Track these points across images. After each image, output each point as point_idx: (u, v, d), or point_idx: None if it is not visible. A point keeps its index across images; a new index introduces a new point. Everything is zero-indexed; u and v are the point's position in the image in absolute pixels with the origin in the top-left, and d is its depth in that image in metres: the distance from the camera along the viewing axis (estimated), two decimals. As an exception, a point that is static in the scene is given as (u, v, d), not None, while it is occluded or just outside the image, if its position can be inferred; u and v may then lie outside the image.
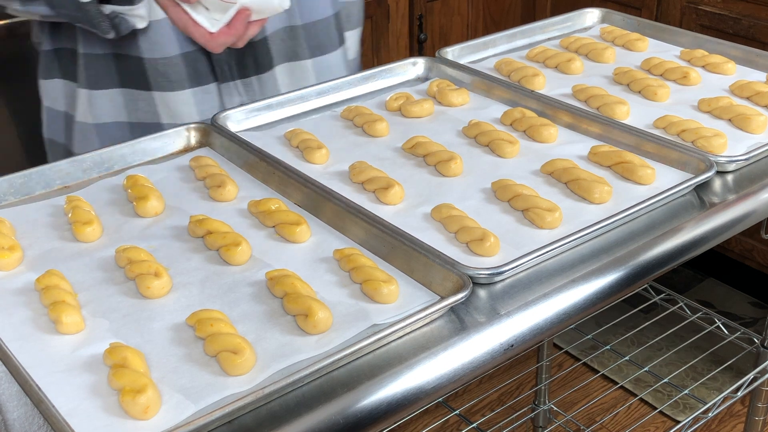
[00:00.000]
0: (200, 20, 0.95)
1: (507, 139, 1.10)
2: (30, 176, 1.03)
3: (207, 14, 0.96)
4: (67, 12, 1.09)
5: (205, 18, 0.95)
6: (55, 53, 1.23)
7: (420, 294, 0.84)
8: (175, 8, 0.95)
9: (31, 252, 0.92)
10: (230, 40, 0.96)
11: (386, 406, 0.74)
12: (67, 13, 1.09)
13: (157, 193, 0.99)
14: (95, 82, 1.20)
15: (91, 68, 1.20)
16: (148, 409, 0.69)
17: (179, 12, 0.95)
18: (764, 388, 1.63)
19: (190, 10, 0.95)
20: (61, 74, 1.23)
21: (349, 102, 1.24)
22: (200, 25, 0.95)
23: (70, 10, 1.08)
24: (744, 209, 1.02)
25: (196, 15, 0.95)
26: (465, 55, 1.38)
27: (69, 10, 1.08)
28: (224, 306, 0.82)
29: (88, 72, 1.20)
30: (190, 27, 0.95)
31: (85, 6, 1.06)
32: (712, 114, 1.18)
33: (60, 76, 1.24)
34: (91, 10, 1.07)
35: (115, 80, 1.20)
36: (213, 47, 0.96)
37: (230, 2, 0.94)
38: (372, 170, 1.03)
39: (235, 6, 0.95)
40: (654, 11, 2.42)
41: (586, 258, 0.90)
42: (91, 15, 1.07)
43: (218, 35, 0.96)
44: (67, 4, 1.08)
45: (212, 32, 0.96)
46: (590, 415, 2.19)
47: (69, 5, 1.07)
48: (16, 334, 0.79)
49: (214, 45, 0.96)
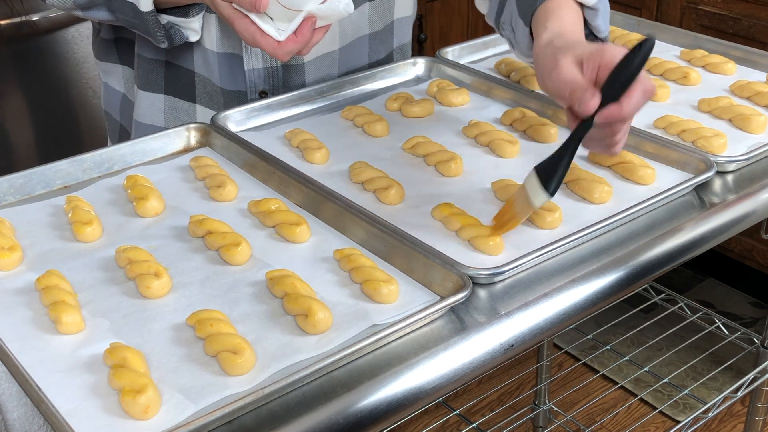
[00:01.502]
0: (268, 29, 0.95)
1: (507, 139, 1.10)
2: (30, 176, 1.03)
3: (273, 24, 0.95)
4: (126, 18, 1.11)
5: (272, 27, 0.95)
6: (114, 42, 1.27)
7: (420, 294, 0.84)
8: (242, 20, 0.95)
9: (31, 252, 0.92)
10: (297, 47, 0.96)
11: (386, 406, 0.74)
12: (126, 19, 1.11)
13: (157, 193, 0.99)
14: (144, 83, 1.23)
15: (141, 69, 1.22)
16: (148, 409, 0.69)
17: (247, 23, 0.95)
18: (764, 388, 1.63)
19: (258, 20, 0.94)
20: (120, 61, 1.27)
21: (349, 102, 1.24)
22: (268, 35, 0.95)
23: (128, 17, 1.10)
24: (744, 209, 1.02)
25: (264, 25, 0.94)
26: (465, 55, 1.38)
27: (128, 17, 1.10)
28: (224, 306, 0.82)
29: (138, 72, 1.23)
30: (257, 37, 0.95)
31: (144, 15, 1.08)
32: (712, 114, 1.18)
33: (118, 62, 1.28)
34: (149, 19, 1.08)
35: (161, 86, 1.22)
36: (280, 55, 0.96)
37: (296, 10, 0.94)
38: (372, 170, 1.03)
39: (301, 13, 0.94)
40: (654, 11, 2.42)
41: (586, 258, 0.90)
42: (148, 24, 1.09)
43: (286, 43, 0.95)
44: (127, 12, 1.09)
45: (280, 41, 0.95)
46: (590, 415, 2.19)
47: (128, 12, 1.09)
48: (16, 334, 0.79)
49: (282, 53, 0.96)
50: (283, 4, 0.93)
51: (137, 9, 1.08)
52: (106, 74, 1.31)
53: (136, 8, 1.08)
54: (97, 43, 1.30)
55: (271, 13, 0.95)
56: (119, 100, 1.30)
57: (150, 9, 1.07)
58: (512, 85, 1.25)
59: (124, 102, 1.30)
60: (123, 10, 1.10)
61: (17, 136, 2.14)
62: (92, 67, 2.15)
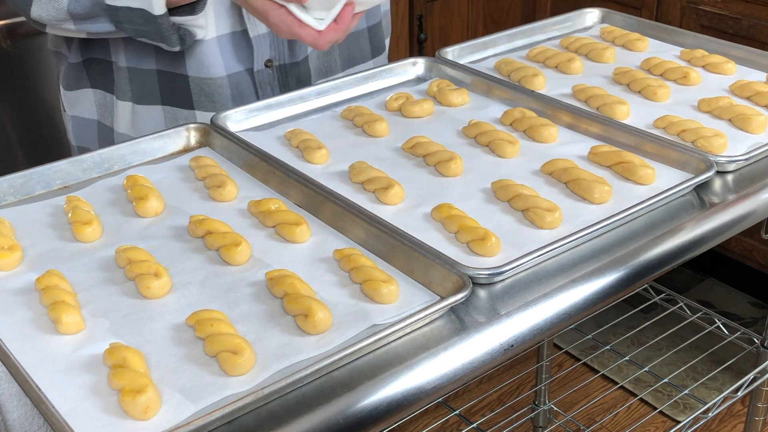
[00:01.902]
0: (307, 19, 0.92)
1: (507, 139, 1.10)
2: (30, 176, 1.03)
3: (309, 13, 0.93)
4: (134, 27, 1.08)
5: (310, 17, 0.92)
6: (84, 64, 1.23)
7: (420, 294, 0.84)
8: (278, 11, 0.92)
9: (31, 252, 0.92)
10: (338, 36, 0.94)
11: (386, 406, 0.74)
12: (133, 28, 1.08)
13: (157, 193, 0.99)
14: (138, 96, 1.20)
15: (135, 82, 1.20)
16: (148, 409, 0.69)
17: (283, 14, 0.92)
18: (764, 388, 1.63)
19: (297, 10, 0.92)
20: (91, 84, 1.23)
21: (349, 102, 1.24)
22: (307, 25, 0.92)
23: (137, 25, 1.07)
24: (744, 209, 1.02)
25: (302, 14, 0.92)
26: (465, 55, 1.38)
27: (136, 25, 1.07)
28: (224, 306, 0.82)
29: (133, 86, 1.20)
30: (295, 28, 0.93)
31: (158, 19, 1.05)
32: (712, 114, 1.18)
33: (89, 86, 1.23)
34: (163, 23, 1.06)
35: (156, 97, 1.20)
36: (321, 45, 0.94)
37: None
38: (372, 170, 1.03)
39: (341, 1, 0.92)
40: (654, 11, 2.42)
41: (586, 258, 0.90)
42: (162, 28, 1.06)
43: (327, 32, 0.93)
44: (135, 20, 1.06)
45: (320, 30, 0.93)
46: (590, 415, 2.19)
47: (137, 20, 1.06)
48: (16, 334, 0.79)
49: (323, 43, 0.94)
50: None
51: (148, 14, 1.05)
52: (73, 106, 1.26)
53: (146, 14, 1.05)
54: (65, 72, 1.25)
55: (310, 3, 0.92)
56: (95, 130, 1.26)
57: (164, 12, 1.05)
58: (512, 85, 1.25)
59: (100, 129, 1.25)
60: (130, 19, 1.07)
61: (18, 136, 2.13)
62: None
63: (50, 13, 1.09)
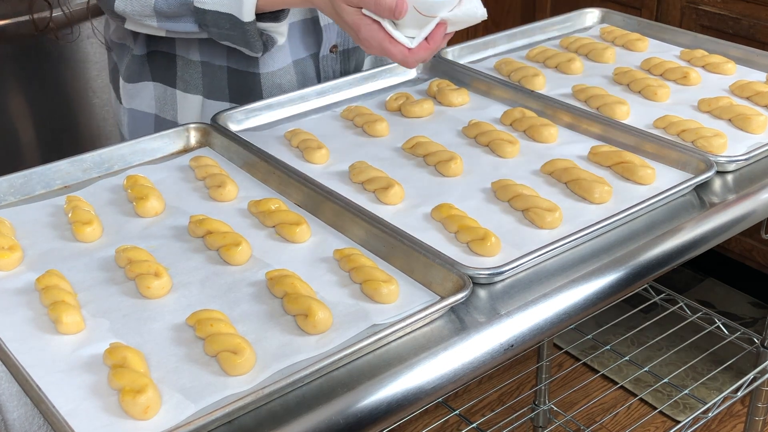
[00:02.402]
0: (398, 36, 0.91)
1: (507, 139, 1.10)
2: (30, 176, 1.03)
3: (401, 30, 0.92)
4: (220, 30, 1.09)
5: (401, 34, 0.92)
6: (148, 57, 1.24)
7: (420, 294, 0.84)
8: (370, 26, 0.92)
9: (31, 252, 0.92)
10: (428, 54, 0.93)
11: (386, 406, 0.74)
12: (219, 31, 1.09)
13: (157, 193, 0.99)
14: (209, 91, 1.22)
15: (207, 77, 1.21)
16: (148, 409, 0.69)
17: (375, 30, 0.92)
18: (764, 388, 1.63)
19: (391, 26, 0.91)
20: (153, 78, 1.25)
21: (349, 102, 1.24)
22: (398, 42, 0.92)
23: (224, 29, 1.08)
24: (744, 209, 1.02)
25: (395, 31, 0.91)
26: (465, 55, 1.38)
27: (223, 29, 1.08)
28: (224, 306, 0.82)
29: (205, 80, 1.21)
30: (386, 44, 0.92)
31: (246, 25, 1.06)
32: (712, 114, 1.18)
33: (150, 79, 1.25)
34: (250, 29, 1.07)
35: (225, 93, 1.22)
36: (410, 63, 0.93)
37: (431, 16, 0.90)
38: (372, 170, 1.03)
39: (435, 19, 0.91)
40: (654, 11, 2.42)
41: (586, 258, 0.90)
42: (248, 34, 1.07)
43: (417, 51, 0.93)
44: (223, 24, 1.07)
45: (411, 48, 0.92)
46: (590, 415, 2.19)
47: (224, 24, 1.07)
48: (16, 334, 0.79)
49: (412, 61, 0.93)
50: (419, 10, 0.90)
51: (236, 20, 1.06)
52: (132, 99, 1.28)
53: (235, 19, 1.06)
54: (128, 64, 1.27)
55: (403, 20, 0.91)
56: (152, 123, 1.28)
57: (252, 19, 1.06)
58: (512, 85, 1.25)
59: (158, 123, 1.27)
60: (217, 23, 1.08)
61: (17, 136, 2.14)
62: (93, 66, 2.15)
63: (135, 8, 1.10)
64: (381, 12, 0.91)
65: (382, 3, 0.89)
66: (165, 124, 1.27)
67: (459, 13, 0.92)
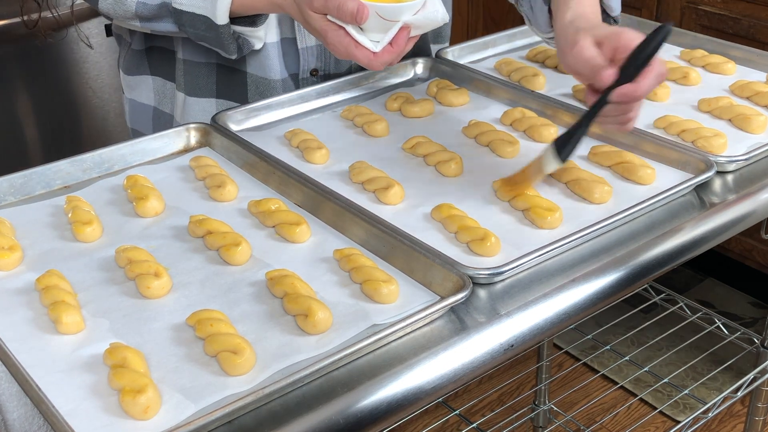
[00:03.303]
0: (363, 41, 0.94)
1: (507, 139, 1.10)
2: (30, 176, 1.03)
3: (366, 35, 0.95)
4: (196, 31, 1.11)
5: (366, 39, 0.94)
6: (147, 52, 1.26)
7: (420, 294, 0.84)
8: (336, 32, 0.95)
9: (31, 252, 0.92)
10: (393, 57, 0.96)
11: (386, 406, 0.74)
12: (195, 32, 1.11)
13: (157, 193, 0.99)
14: (191, 89, 1.23)
15: (188, 75, 1.23)
16: (148, 409, 0.69)
17: (341, 35, 0.94)
18: (764, 388, 1.63)
19: (354, 31, 0.94)
20: (151, 72, 1.27)
21: (349, 102, 1.24)
22: (363, 47, 0.94)
23: (199, 30, 1.10)
24: (744, 209, 1.02)
25: (359, 36, 0.94)
26: (465, 55, 1.38)
27: (198, 30, 1.11)
28: (224, 306, 0.82)
29: (186, 78, 1.23)
30: (351, 49, 0.95)
31: (220, 28, 1.08)
32: (712, 114, 1.18)
33: (149, 73, 1.27)
34: (224, 32, 1.09)
35: (212, 90, 1.23)
36: (375, 66, 0.96)
37: (393, 21, 0.93)
38: (372, 170, 1.03)
39: (398, 24, 0.93)
40: (654, 11, 2.42)
41: (586, 258, 0.90)
42: (222, 37, 1.10)
43: (382, 54, 0.95)
44: (198, 25, 1.10)
45: (375, 52, 0.95)
46: (590, 415, 2.19)
47: (200, 26, 1.10)
48: (16, 334, 0.79)
49: (377, 64, 0.96)
50: (381, 15, 0.92)
51: (211, 22, 1.08)
52: (132, 89, 1.30)
53: (209, 22, 1.08)
54: (127, 56, 1.29)
55: (367, 25, 0.94)
56: (150, 115, 1.30)
57: (226, 22, 1.08)
58: (512, 85, 1.25)
59: (156, 115, 1.29)
60: (193, 24, 1.10)
61: (18, 137, 2.14)
62: (92, 66, 2.15)
63: (118, 12, 1.14)
64: (343, 17, 0.93)
65: (344, 9, 0.92)
66: (163, 116, 1.28)
67: (420, 18, 0.95)
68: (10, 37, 2.00)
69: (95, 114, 2.22)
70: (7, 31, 1.98)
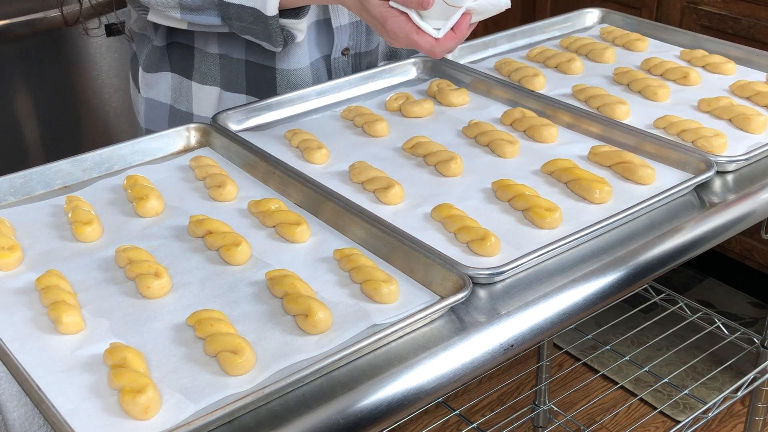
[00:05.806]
0: (426, 27, 0.93)
1: (507, 139, 1.10)
2: (30, 176, 1.03)
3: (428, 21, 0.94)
4: (242, 24, 1.10)
5: (428, 25, 0.94)
6: (167, 48, 1.26)
7: (420, 294, 0.84)
8: (397, 18, 0.94)
9: (31, 252, 0.92)
10: (455, 44, 0.95)
11: (386, 406, 0.74)
12: (241, 25, 1.10)
13: (157, 193, 0.99)
14: (226, 83, 1.23)
15: (225, 69, 1.23)
16: (148, 409, 0.69)
17: (402, 21, 0.93)
18: (764, 388, 1.63)
19: (417, 17, 0.93)
20: (171, 68, 1.26)
21: (349, 102, 1.24)
22: (425, 33, 0.93)
23: (246, 23, 1.10)
24: (744, 209, 1.02)
25: (421, 22, 0.93)
26: (465, 55, 1.38)
27: (245, 23, 1.10)
28: (224, 306, 0.82)
29: (222, 73, 1.23)
30: (413, 36, 0.94)
31: (269, 20, 1.08)
32: (712, 114, 1.18)
33: (169, 70, 1.27)
34: (273, 23, 1.08)
35: (242, 85, 1.23)
36: (437, 53, 0.95)
37: (457, 6, 0.92)
38: (372, 170, 1.03)
39: (461, 9, 0.93)
40: (654, 11, 2.42)
41: (586, 258, 0.90)
42: (271, 28, 1.09)
43: (444, 41, 0.94)
44: (245, 17, 1.09)
45: (438, 38, 0.94)
46: (590, 415, 2.19)
47: (247, 18, 1.09)
48: (16, 334, 0.79)
49: (439, 51, 0.95)
50: (446, 1, 0.92)
51: (260, 14, 1.07)
52: (150, 88, 1.29)
53: (258, 13, 1.07)
54: (148, 54, 1.28)
55: (429, 11, 0.93)
56: (166, 114, 1.29)
57: (275, 13, 1.07)
58: (512, 85, 1.25)
59: (172, 114, 1.28)
60: (240, 17, 1.09)
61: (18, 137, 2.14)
62: (92, 67, 2.15)
63: (160, 0, 1.12)
64: (409, 3, 0.92)
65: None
66: (179, 114, 1.28)
67: (484, 3, 0.94)
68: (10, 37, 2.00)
69: (95, 114, 2.21)
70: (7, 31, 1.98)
